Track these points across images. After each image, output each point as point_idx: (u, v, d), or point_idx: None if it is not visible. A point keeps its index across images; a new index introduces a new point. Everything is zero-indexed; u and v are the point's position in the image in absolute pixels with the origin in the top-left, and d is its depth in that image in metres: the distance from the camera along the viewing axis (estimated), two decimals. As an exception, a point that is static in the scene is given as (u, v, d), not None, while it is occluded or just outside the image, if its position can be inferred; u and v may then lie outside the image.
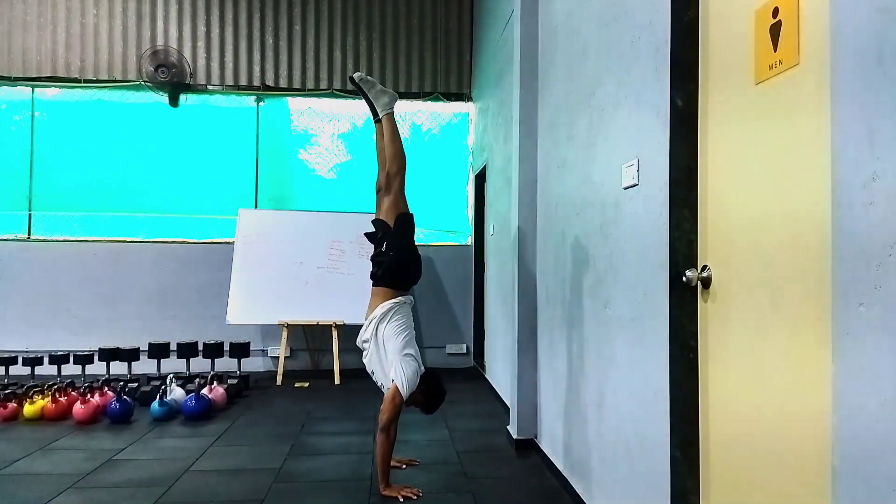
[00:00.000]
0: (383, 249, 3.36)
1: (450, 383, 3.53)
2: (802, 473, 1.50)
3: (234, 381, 5.47)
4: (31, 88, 6.71)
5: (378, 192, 3.48)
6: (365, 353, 3.36)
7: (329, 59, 7.06)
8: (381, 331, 3.27)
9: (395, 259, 3.33)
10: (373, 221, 3.50)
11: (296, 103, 7.09)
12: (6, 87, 6.68)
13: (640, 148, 2.37)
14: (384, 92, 3.46)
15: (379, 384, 3.35)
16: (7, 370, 5.47)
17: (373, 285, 3.39)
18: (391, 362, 3.24)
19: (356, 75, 3.43)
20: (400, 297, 3.34)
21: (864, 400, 1.23)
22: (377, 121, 3.49)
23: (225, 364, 5.96)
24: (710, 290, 1.92)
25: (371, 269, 3.42)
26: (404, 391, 3.19)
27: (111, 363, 5.55)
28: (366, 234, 3.58)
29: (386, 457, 3.20)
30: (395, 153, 3.40)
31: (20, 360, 5.46)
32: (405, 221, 3.40)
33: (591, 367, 2.93)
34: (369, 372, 3.37)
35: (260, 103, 7.03)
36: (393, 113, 3.46)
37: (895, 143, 1.18)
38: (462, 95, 7.24)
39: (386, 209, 3.40)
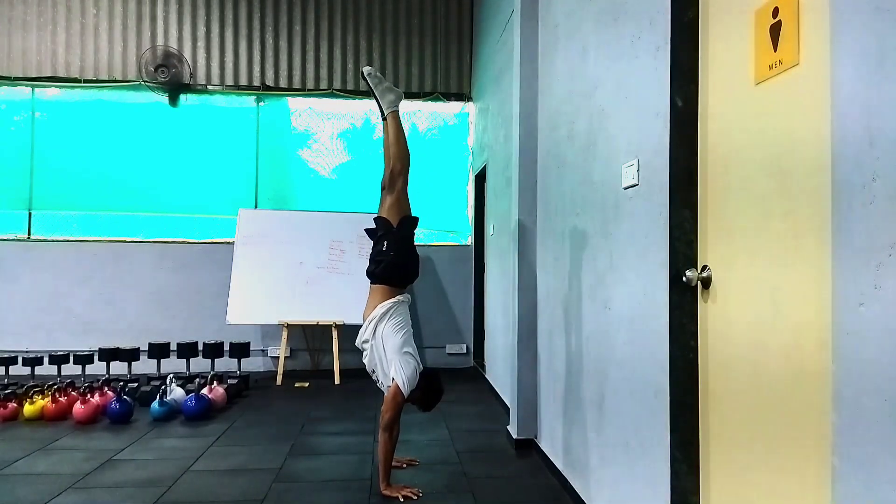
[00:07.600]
0: (384, 248, 3.36)
1: (450, 383, 3.53)
2: (803, 473, 1.50)
3: (234, 381, 5.47)
4: (31, 88, 6.71)
5: (382, 189, 3.49)
6: (365, 353, 3.36)
7: (329, 59, 7.07)
8: (380, 330, 3.27)
9: (395, 259, 3.33)
10: (374, 219, 3.51)
11: (296, 103, 7.09)
12: (6, 87, 6.67)
13: (640, 148, 2.37)
14: (391, 90, 3.48)
15: (379, 383, 3.36)
16: (7, 370, 5.47)
17: (371, 283, 3.39)
18: (391, 361, 3.24)
19: (365, 69, 3.45)
20: (398, 296, 3.34)
21: (864, 399, 1.23)
22: (383, 118, 3.50)
23: (225, 364, 5.97)
24: (710, 290, 1.92)
25: (369, 266, 3.42)
26: (405, 389, 3.19)
27: (111, 363, 5.55)
28: (366, 230, 3.59)
29: (388, 456, 3.20)
30: (398, 152, 3.41)
31: (20, 360, 5.46)
32: (409, 224, 3.42)
33: (591, 367, 2.93)
34: (369, 371, 3.38)
35: (260, 103, 7.03)
36: (398, 111, 3.48)
37: (895, 142, 1.18)
38: (462, 95, 7.24)
39: (388, 207, 3.41)
